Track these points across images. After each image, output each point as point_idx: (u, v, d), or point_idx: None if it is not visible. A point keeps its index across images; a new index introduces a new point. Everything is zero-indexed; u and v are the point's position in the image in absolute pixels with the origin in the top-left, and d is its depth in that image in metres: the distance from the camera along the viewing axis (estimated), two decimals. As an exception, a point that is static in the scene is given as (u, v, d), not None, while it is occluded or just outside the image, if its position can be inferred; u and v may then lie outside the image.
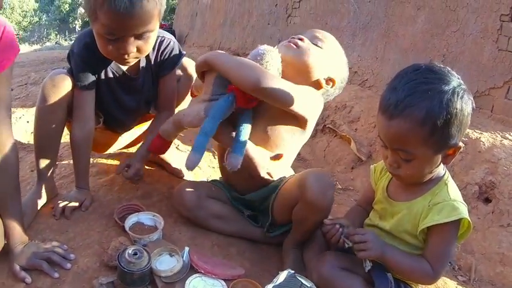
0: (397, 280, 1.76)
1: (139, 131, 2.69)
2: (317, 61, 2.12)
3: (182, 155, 3.06)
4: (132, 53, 1.89)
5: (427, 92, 1.50)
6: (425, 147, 1.55)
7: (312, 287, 1.66)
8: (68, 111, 2.12)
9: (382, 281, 1.72)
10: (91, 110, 2.15)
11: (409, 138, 1.55)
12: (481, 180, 2.99)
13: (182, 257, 1.84)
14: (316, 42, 2.16)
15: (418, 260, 1.70)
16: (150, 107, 2.45)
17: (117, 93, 2.25)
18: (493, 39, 3.86)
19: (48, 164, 2.15)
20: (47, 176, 2.17)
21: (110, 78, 2.17)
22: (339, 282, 1.73)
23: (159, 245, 1.88)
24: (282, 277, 1.66)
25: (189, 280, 1.75)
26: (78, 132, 2.13)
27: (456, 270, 2.61)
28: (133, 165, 2.30)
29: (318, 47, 2.15)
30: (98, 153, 2.73)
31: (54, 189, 2.25)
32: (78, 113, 2.12)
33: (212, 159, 3.12)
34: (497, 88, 3.82)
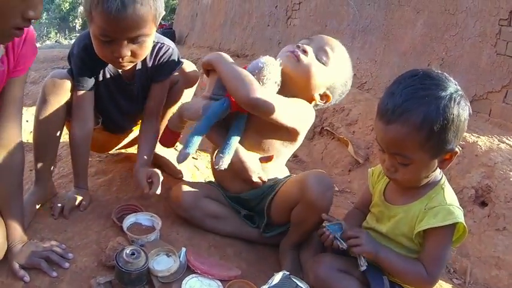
0: (393, 283, 1.76)
1: (138, 132, 2.67)
2: (316, 79, 2.13)
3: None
4: (126, 56, 1.89)
5: (424, 98, 1.52)
6: (422, 152, 1.57)
7: (307, 289, 1.68)
8: (68, 111, 2.12)
9: (378, 282, 1.72)
10: (90, 110, 2.15)
11: (406, 143, 1.56)
12: (478, 183, 3.01)
13: (179, 257, 1.86)
14: (321, 56, 2.12)
15: (412, 263, 1.71)
16: None
17: (115, 96, 2.26)
18: (492, 44, 3.87)
19: (47, 164, 2.15)
20: (46, 176, 2.18)
21: (108, 81, 2.18)
22: (335, 283, 1.73)
23: (157, 245, 1.89)
24: (277, 278, 1.67)
25: (186, 280, 1.76)
26: (77, 132, 2.13)
27: (451, 273, 2.62)
28: (155, 177, 2.12)
29: (322, 63, 2.12)
30: (97, 153, 2.75)
31: (53, 189, 2.26)
32: (77, 113, 2.12)
33: (210, 161, 3.12)
34: (495, 92, 3.83)
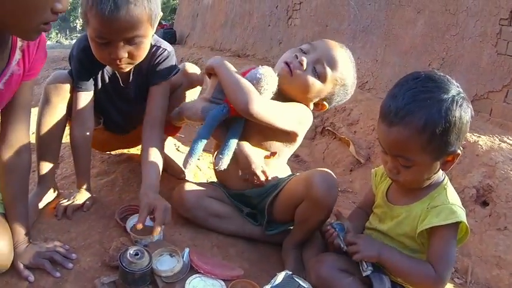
0: (395, 283, 1.77)
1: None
2: (310, 94, 2.16)
3: (183, 156, 3.07)
4: (123, 58, 1.89)
5: (427, 101, 1.53)
6: (424, 155, 1.58)
7: (309, 288, 1.69)
8: (69, 112, 2.14)
9: (380, 282, 1.73)
10: (90, 111, 2.16)
11: (408, 146, 1.58)
12: (479, 183, 3.01)
13: (182, 257, 1.87)
14: (319, 70, 2.11)
15: (418, 262, 1.71)
16: None
17: (113, 98, 2.27)
18: (492, 43, 3.87)
19: (49, 164, 2.17)
20: (49, 176, 2.19)
21: (105, 83, 2.19)
22: (337, 283, 1.74)
23: (160, 245, 1.90)
24: (279, 278, 1.68)
25: (189, 280, 1.77)
26: (77, 133, 2.15)
27: (453, 272, 2.62)
28: (159, 207, 1.90)
29: (318, 77, 2.12)
30: (99, 151, 2.77)
31: (55, 190, 2.27)
32: (77, 114, 2.13)
33: (211, 161, 3.13)
34: (496, 92, 3.83)
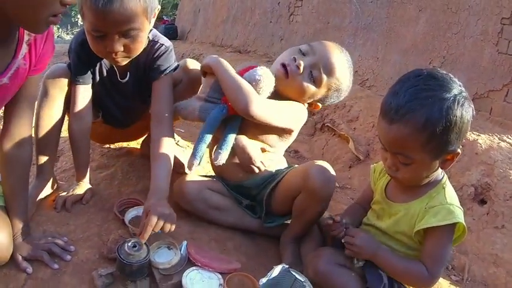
0: (391, 278, 1.77)
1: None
2: (304, 96, 2.19)
3: (182, 150, 3.08)
4: (119, 51, 1.88)
5: (428, 99, 1.53)
6: (424, 153, 1.58)
7: (306, 282, 1.69)
8: (68, 105, 2.14)
9: (375, 278, 1.74)
10: (88, 105, 2.16)
11: (408, 143, 1.58)
12: (477, 181, 3.02)
13: (180, 250, 1.87)
14: (315, 75, 2.12)
15: (412, 262, 1.73)
16: (147, 106, 2.42)
17: (111, 92, 2.27)
18: (494, 42, 3.88)
19: (48, 157, 2.17)
20: (48, 169, 2.20)
21: (103, 76, 2.19)
22: (335, 277, 1.75)
23: (158, 238, 1.90)
24: (276, 271, 1.69)
25: (187, 273, 1.77)
26: (76, 126, 2.14)
27: (450, 270, 2.64)
28: (163, 214, 1.81)
29: (313, 82, 2.14)
30: (99, 144, 2.78)
31: (55, 182, 2.28)
32: (75, 107, 2.13)
33: (209, 156, 3.14)
34: (496, 91, 3.84)
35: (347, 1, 5.72)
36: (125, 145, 2.87)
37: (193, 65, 2.38)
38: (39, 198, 2.14)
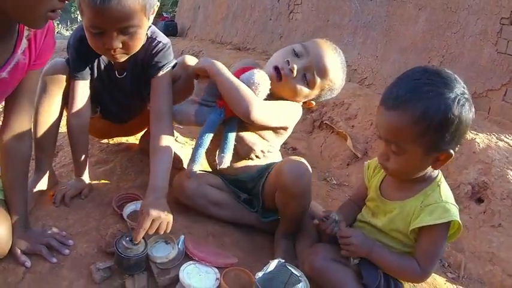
0: (387, 274, 1.79)
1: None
2: (297, 98, 2.20)
3: (180, 146, 3.09)
4: (117, 48, 1.88)
5: (429, 93, 1.53)
6: (416, 145, 1.58)
7: (302, 276, 1.70)
8: (66, 100, 2.14)
9: (371, 273, 1.75)
10: (86, 100, 2.16)
11: (401, 133, 1.59)
12: (474, 180, 3.03)
13: (177, 244, 1.89)
14: (309, 78, 2.14)
15: (406, 259, 1.74)
16: (145, 103, 2.40)
17: (109, 88, 2.27)
18: (493, 42, 3.89)
19: (47, 152, 2.19)
20: (47, 163, 2.21)
21: (101, 72, 2.19)
22: (331, 273, 1.77)
23: (155, 232, 1.92)
24: (272, 266, 1.70)
25: (184, 267, 1.78)
26: (74, 122, 2.14)
27: (446, 267, 2.65)
28: (157, 216, 1.79)
29: (307, 84, 2.15)
30: (98, 139, 2.79)
31: (53, 177, 2.29)
32: (73, 103, 2.13)
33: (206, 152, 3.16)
34: (495, 90, 3.85)
35: (347, -1, 5.74)
36: (123, 140, 2.88)
37: (192, 61, 2.35)
38: (38, 190, 2.15)
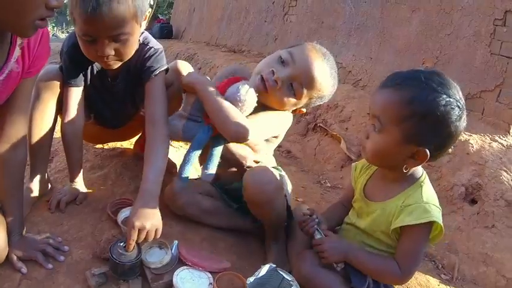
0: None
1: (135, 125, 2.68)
2: (285, 107, 2.15)
3: (174, 150, 3.10)
4: (110, 55, 1.89)
5: (423, 84, 1.57)
6: (397, 128, 1.61)
7: (293, 281, 1.71)
8: (60, 106, 2.15)
9: (359, 278, 1.76)
10: (80, 106, 2.16)
11: (387, 108, 1.64)
12: (468, 181, 3.04)
13: (171, 249, 1.91)
14: (296, 88, 2.06)
15: (385, 260, 1.76)
16: (139, 108, 2.44)
17: (102, 94, 2.27)
18: (486, 43, 3.90)
19: (41, 158, 2.20)
20: (41, 170, 2.22)
21: (94, 79, 2.19)
22: (319, 279, 1.77)
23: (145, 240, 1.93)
24: (263, 271, 1.72)
25: (177, 272, 1.81)
26: (68, 128, 2.15)
27: (439, 268, 2.66)
28: (142, 226, 1.78)
29: (293, 94, 2.08)
30: (93, 144, 2.80)
31: (48, 183, 2.30)
32: (67, 109, 2.13)
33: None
34: (488, 91, 3.86)
35: (341, 1, 5.73)
36: (118, 145, 2.89)
37: (184, 66, 2.35)
38: (33, 196, 2.16)
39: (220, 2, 9.76)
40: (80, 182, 2.27)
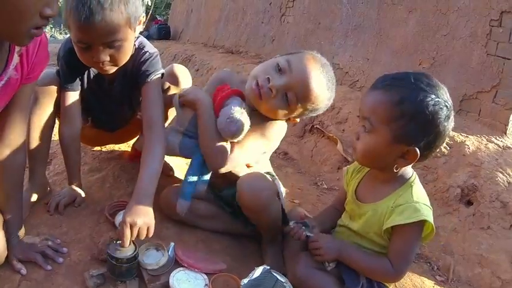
0: (370, 279, 1.82)
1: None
2: (279, 116, 2.12)
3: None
4: (105, 61, 1.90)
5: (413, 85, 1.61)
6: (387, 128, 1.64)
7: (287, 283, 1.74)
8: (58, 110, 2.18)
9: (352, 278, 1.78)
10: (77, 110, 2.19)
11: (377, 109, 1.67)
12: (464, 183, 3.04)
13: (168, 251, 1.93)
14: (290, 98, 2.01)
15: (378, 259, 1.79)
16: (135, 111, 2.47)
17: (100, 98, 2.29)
18: (482, 44, 3.90)
19: (40, 162, 2.22)
20: (40, 173, 2.25)
21: (91, 82, 2.21)
22: (313, 282, 1.79)
23: (147, 239, 1.95)
24: (257, 272, 1.75)
25: (174, 273, 1.84)
26: (65, 131, 2.18)
27: (435, 270, 2.67)
28: (133, 222, 1.78)
29: (287, 106, 2.04)
30: (90, 147, 2.82)
31: (47, 186, 2.32)
32: (64, 113, 2.17)
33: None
34: (485, 92, 3.86)
35: (338, 2, 5.74)
36: (116, 148, 2.91)
37: (181, 71, 2.36)
38: (32, 199, 2.18)
39: (218, 3, 9.76)
40: (78, 185, 2.29)
